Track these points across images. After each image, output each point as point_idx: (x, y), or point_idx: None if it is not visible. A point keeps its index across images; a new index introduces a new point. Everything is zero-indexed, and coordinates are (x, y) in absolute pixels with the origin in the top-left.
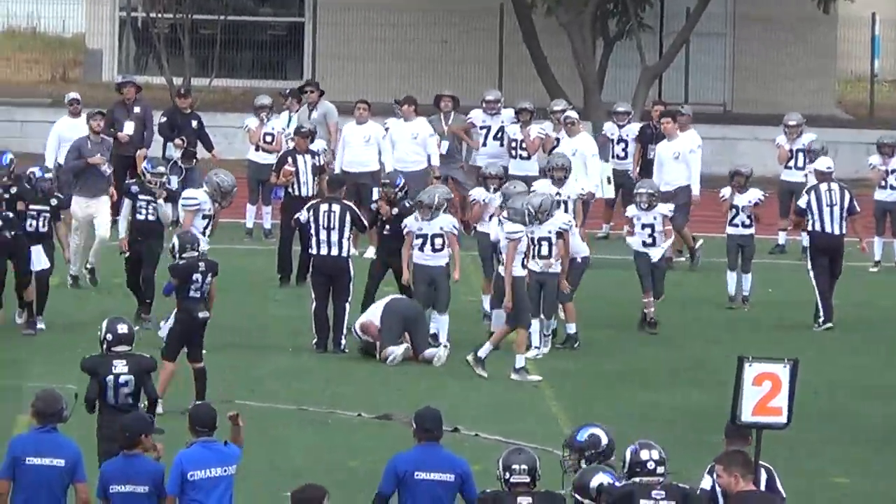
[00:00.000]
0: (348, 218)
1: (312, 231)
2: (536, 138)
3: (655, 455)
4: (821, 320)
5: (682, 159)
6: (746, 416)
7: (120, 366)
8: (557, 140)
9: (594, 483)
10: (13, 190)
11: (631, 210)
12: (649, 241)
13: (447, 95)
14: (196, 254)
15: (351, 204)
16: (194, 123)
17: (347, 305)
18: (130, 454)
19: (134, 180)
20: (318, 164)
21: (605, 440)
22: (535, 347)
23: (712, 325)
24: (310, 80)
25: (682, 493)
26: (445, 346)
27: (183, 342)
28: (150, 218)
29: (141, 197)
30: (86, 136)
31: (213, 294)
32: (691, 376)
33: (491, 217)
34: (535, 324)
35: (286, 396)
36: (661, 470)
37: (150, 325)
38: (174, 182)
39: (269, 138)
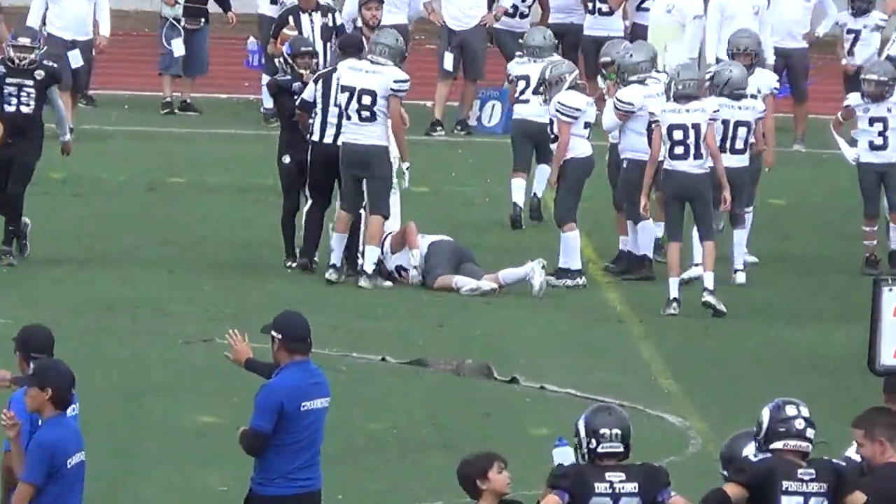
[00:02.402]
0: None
1: (319, 110)
2: None
3: (805, 412)
4: None
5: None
6: (888, 358)
7: None
8: None
9: (746, 453)
10: None
11: (854, 98)
12: (879, 141)
13: None
14: None
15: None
16: None
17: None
18: None
19: None
20: (329, 24)
21: None
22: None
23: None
24: None
25: (835, 471)
26: (541, 264)
27: None
28: (24, 110)
29: (8, 81)
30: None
31: None
32: (830, 311)
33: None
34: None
35: None
36: (811, 433)
37: (15, 260)
38: (176, 47)
39: None
